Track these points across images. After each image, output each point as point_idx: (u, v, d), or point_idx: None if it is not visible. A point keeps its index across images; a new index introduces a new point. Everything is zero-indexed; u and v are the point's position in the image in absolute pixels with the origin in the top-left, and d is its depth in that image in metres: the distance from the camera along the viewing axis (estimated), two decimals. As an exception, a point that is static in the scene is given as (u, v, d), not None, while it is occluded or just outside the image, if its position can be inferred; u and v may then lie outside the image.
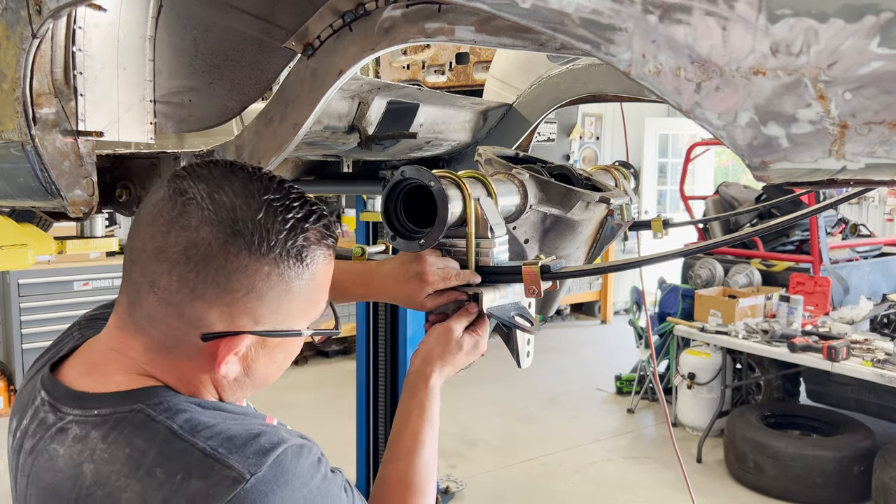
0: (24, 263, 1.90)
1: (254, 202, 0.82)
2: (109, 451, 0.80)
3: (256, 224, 0.81)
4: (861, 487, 4.18)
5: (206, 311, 0.82)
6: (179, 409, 0.83)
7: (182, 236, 0.81)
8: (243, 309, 0.83)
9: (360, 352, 3.74)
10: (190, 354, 0.85)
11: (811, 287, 5.19)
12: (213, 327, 0.83)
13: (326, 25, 1.15)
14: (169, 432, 0.80)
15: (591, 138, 9.11)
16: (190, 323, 0.83)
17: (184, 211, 0.81)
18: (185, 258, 0.81)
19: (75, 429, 0.83)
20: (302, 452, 0.82)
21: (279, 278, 0.83)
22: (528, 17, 0.71)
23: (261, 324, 0.84)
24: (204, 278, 0.81)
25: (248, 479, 0.76)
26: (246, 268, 0.81)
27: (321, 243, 0.87)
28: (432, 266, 1.11)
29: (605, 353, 7.56)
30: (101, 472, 0.79)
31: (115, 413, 0.82)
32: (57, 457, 0.83)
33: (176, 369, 0.86)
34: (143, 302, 0.84)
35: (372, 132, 1.65)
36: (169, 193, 0.83)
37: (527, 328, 1.14)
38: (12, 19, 1.09)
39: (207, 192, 0.82)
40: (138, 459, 0.78)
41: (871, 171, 0.63)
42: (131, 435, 0.80)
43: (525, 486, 4.59)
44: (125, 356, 0.87)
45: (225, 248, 0.80)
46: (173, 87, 1.40)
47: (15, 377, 5.54)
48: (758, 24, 0.62)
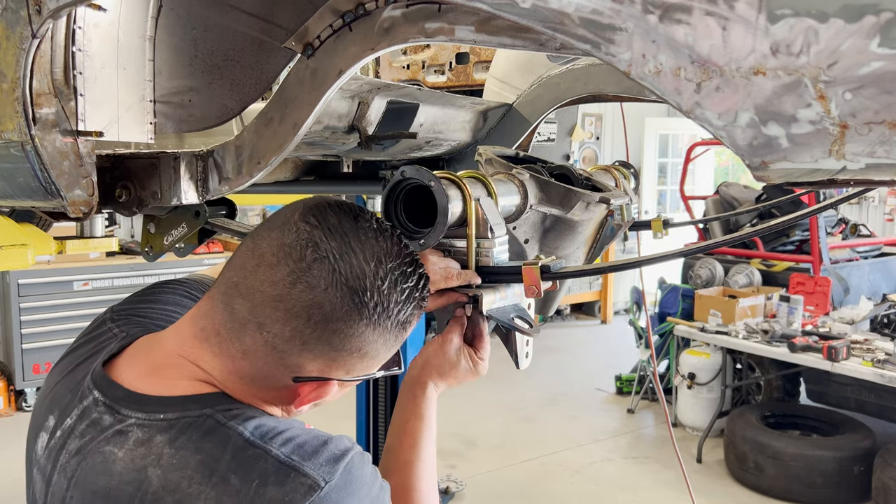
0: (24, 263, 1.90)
1: (380, 270, 0.85)
2: (178, 456, 0.79)
3: (381, 295, 0.84)
4: (861, 487, 4.18)
5: (309, 361, 0.85)
6: (249, 415, 0.83)
7: (308, 294, 0.82)
8: (343, 364, 0.86)
9: (360, 352, 3.73)
10: (272, 387, 0.87)
11: (811, 287, 5.19)
12: (308, 373, 0.86)
13: (326, 25, 1.14)
14: (241, 438, 0.80)
15: (591, 138, 9.11)
16: (288, 368, 0.85)
17: (312, 268, 0.82)
18: (307, 316, 0.82)
19: (137, 432, 0.82)
20: (364, 459, 0.84)
21: (384, 343, 0.88)
22: (528, 17, 0.71)
23: (352, 374, 0.88)
24: (318, 336, 0.83)
25: (322, 487, 0.78)
26: (361, 335, 0.85)
27: (422, 309, 0.92)
28: (433, 266, 1.11)
29: (605, 353, 7.56)
30: (171, 478, 0.78)
31: (183, 417, 0.82)
32: (114, 460, 0.82)
33: (249, 394, 0.87)
34: (245, 338, 0.85)
35: (372, 132, 1.65)
36: (300, 241, 0.83)
37: (527, 331, 1.13)
38: (12, 19, 1.08)
39: (339, 252, 0.83)
40: (211, 465, 0.78)
41: (871, 171, 0.63)
42: (201, 440, 0.80)
43: (525, 486, 4.59)
44: (197, 367, 0.87)
45: (349, 315, 0.83)
46: (173, 87, 1.40)
47: (15, 377, 5.53)
48: (758, 24, 0.61)
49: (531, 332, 1.14)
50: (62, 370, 0.99)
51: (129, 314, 1.05)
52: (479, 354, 1.13)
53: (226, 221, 1.56)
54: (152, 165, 1.39)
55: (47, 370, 5.48)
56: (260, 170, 1.28)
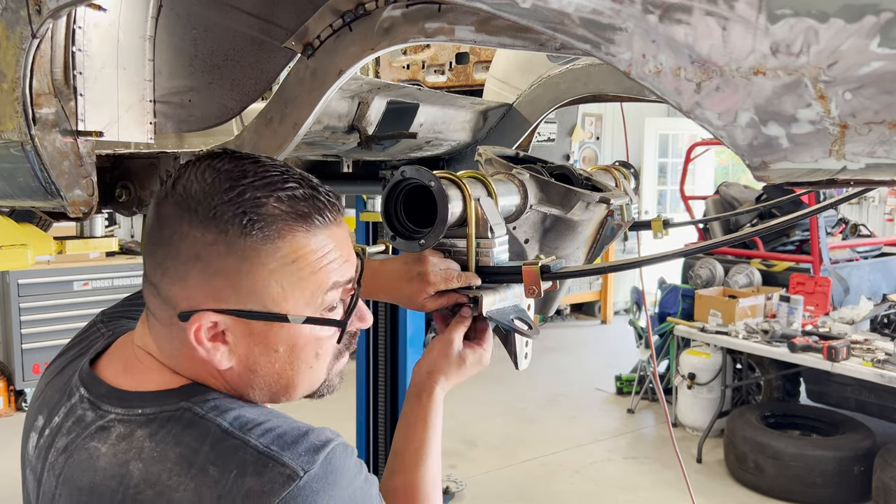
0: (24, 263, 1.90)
1: (217, 181, 0.82)
2: (158, 449, 0.79)
3: (205, 196, 0.81)
4: (861, 487, 4.18)
5: (172, 288, 0.83)
6: (227, 407, 0.83)
7: (156, 223, 0.84)
8: (199, 284, 0.82)
9: (359, 353, 3.74)
10: (182, 343, 0.84)
11: (811, 287, 5.19)
12: (179, 308, 0.83)
13: (326, 25, 1.14)
14: (220, 430, 0.80)
15: (591, 138, 9.11)
16: (168, 303, 0.84)
17: (162, 202, 0.85)
18: (155, 240, 0.84)
19: (119, 427, 0.83)
20: (347, 451, 0.82)
21: (228, 249, 0.80)
22: (528, 16, 0.71)
23: (223, 302, 0.82)
24: (165, 253, 0.83)
25: (301, 477, 0.76)
26: (187, 235, 0.81)
27: (286, 216, 0.81)
28: (434, 267, 1.11)
29: (605, 353, 7.56)
30: (151, 471, 0.78)
31: (162, 412, 0.82)
32: (98, 455, 0.82)
33: (191, 364, 0.86)
34: (147, 290, 0.87)
35: (372, 132, 1.65)
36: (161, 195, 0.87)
37: (526, 332, 1.13)
38: (12, 19, 1.08)
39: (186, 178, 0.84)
40: (190, 458, 0.78)
41: (871, 171, 0.63)
42: (181, 433, 0.80)
43: (525, 486, 4.59)
44: (150, 355, 0.89)
45: (178, 220, 0.82)
46: (173, 87, 1.40)
47: (14, 377, 5.53)
48: (758, 24, 0.61)
49: (531, 334, 1.14)
50: (52, 371, 0.99)
51: (119, 315, 1.06)
52: (483, 346, 1.13)
53: (226, 221, 1.56)
54: (152, 165, 1.39)
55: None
56: (260, 170, 1.28)
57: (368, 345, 3.69)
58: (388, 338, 3.65)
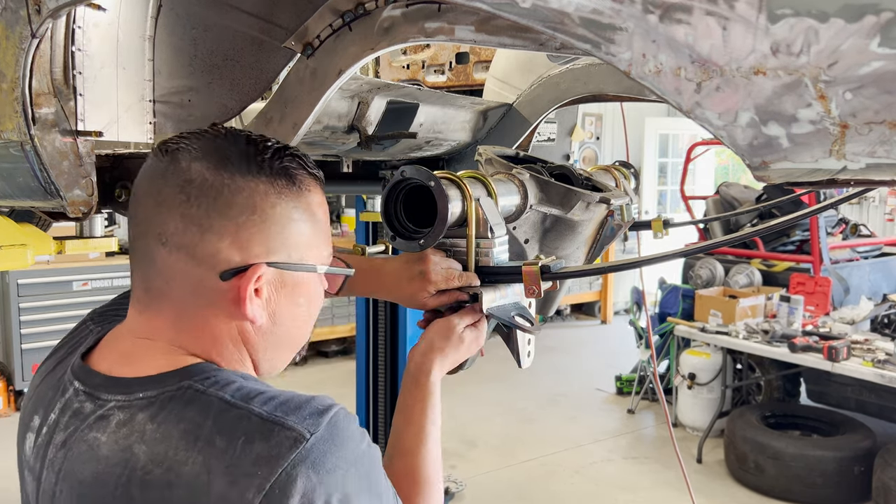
0: (24, 263, 1.89)
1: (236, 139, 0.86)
2: (161, 429, 0.79)
3: (241, 152, 0.84)
4: (861, 488, 4.18)
5: (217, 244, 0.83)
6: (228, 380, 0.83)
7: (176, 179, 0.83)
8: (252, 235, 0.84)
9: (359, 352, 3.74)
10: (214, 304, 0.85)
11: (811, 287, 5.19)
12: (228, 263, 0.83)
13: (326, 25, 1.14)
14: (222, 402, 0.79)
15: (591, 138, 9.11)
16: (205, 263, 0.83)
17: (173, 159, 0.84)
18: (185, 196, 0.82)
19: (118, 414, 0.82)
20: (350, 417, 0.83)
21: (278, 198, 0.84)
22: (528, 16, 0.71)
23: (273, 254, 0.85)
24: (206, 208, 0.82)
25: (308, 439, 0.77)
26: (242, 188, 0.83)
27: (307, 170, 0.88)
28: (436, 266, 1.12)
29: (605, 353, 7.56)
30: (157, 451, 0.77)
31: (162, 393, 0.82)
32: (98, 445, 0.81)
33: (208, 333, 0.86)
34: (157, 262, 0.85)
35: (372, 132, 1.65)
36: (154, 155, 0.86)
37: (527, 328, 1.14)
38: (11, 19, 1.08)
39: (189, 138, 0.85)
40: (195, 432, 0.78)
41: (871, 171, 0.63)
42: (183, 410, 0.79)
43: (525, 486, 4.59)
44: (156, 340, 0.87)
45: (218, 174, 0.82)
46: (173, 87, 1.40)
47: (14, 377, 5.53)
48: (758, 23, 0.61)
49: (532, 330, 1.14)
50: (44, 371, 0.99)
51: (111, 314, 1.05)
52: (479, 327, 1.13)
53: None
54: (152, 165, 1.38)
55: (47, 370, 5.50)
56: (259, 170, 1.28)
57: (368, 345, 3.69)
58: (388, 337, 3.65)
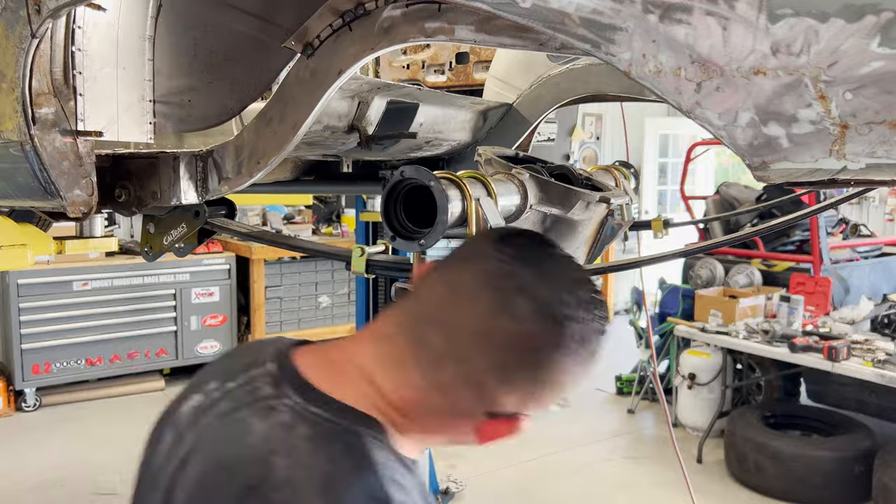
0: (24, 263, 1.90)
1: (575, 298, 0.84)
2: (313, 458, 0.78)
3: (579, 324, 0.83)
4: (861, 488, 4.18)
5: (506, 395, 0.84)
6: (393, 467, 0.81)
7: (512, 325, 0.82)
8: (539, 397, 0.85)
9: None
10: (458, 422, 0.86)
11: (812, 287, 5.19)
12: (503, 409, 0.85)
13: (326, 25, 1.14)
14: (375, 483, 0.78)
15: (591, 138, 9.11)
16: (484, 402, 0.84)
17: (513, 298, 0.82)
18: (512, 348, 0.82)
19: (286, 415, 0.81)
20: None
21: (575, 376, 0.86)
22: (528, 16, 0.71)
23: (541, 405, 0.87)
24: (524, 369, 0.83)
25: None
26: (561, 365, 0.84)
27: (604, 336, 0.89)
28: None
29: (605, 353, 7.53)
30: (296, 476, 0.76)
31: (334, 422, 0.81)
32: (251, 431, 0.80)
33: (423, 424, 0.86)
34: (443, 372, 0.84)
35: (372, 132, 1.65)
36: (497, 272, 0.84)
37: None
38: (11, 19, 1.08)
39: (536, 281, 0.83)
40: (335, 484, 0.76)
41: (871, 171, 0.63)
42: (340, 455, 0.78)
43: (525, 486, 4.59)
44: (369, 384, 0.85)
45: (553, 345, 0.82)
46: (173, 87, 1.40)
47: (14, 377, 5.51)
48: (758, 23, 0.61)
49: None
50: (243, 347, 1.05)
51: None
52: None
53: (225, 221, 1.56)
54: (152, 165, 1.39)
55: (46, 370, 5.50)
56: (259, 170, 1.28)
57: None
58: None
